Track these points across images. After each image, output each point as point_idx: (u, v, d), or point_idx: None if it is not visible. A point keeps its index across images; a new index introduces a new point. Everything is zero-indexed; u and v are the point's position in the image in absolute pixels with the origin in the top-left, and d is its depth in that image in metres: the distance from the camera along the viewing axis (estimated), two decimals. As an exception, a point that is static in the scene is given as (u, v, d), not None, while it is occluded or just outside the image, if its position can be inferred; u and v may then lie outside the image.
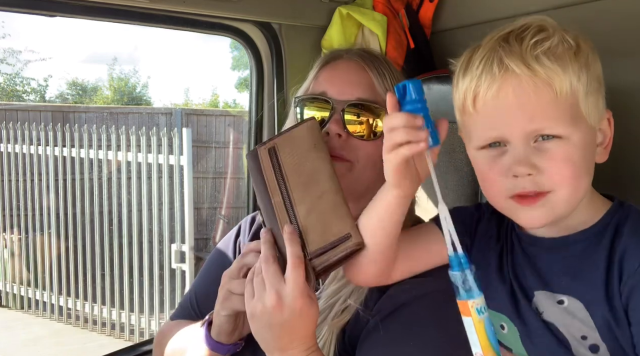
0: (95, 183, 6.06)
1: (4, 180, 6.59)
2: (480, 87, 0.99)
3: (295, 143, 1.11)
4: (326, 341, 1.14)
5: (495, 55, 0.98)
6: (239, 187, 7.03)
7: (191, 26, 1.85)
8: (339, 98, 1.23)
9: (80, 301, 6.07)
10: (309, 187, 1.08)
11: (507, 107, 0.96)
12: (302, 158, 1.10)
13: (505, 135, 0.97)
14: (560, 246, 1.03)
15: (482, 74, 0.99)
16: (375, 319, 1.13)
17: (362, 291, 1.17)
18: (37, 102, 14.85)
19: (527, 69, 0.94)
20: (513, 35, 0.99)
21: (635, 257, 0.93)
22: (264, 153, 1.11)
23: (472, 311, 0.90)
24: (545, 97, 0.94)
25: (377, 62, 1.27)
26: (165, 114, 8.35)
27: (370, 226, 1.06)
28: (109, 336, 5.94)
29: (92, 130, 5.96)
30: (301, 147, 1.10)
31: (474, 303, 0.90)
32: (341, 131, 1.21)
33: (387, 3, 2.00)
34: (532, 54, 0.95)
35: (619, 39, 1.57)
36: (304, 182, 1.08)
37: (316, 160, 1.09)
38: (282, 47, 1.99)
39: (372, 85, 1.24)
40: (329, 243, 1.04)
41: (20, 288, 6.41)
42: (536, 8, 1.73)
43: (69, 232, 6.18)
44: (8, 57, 14.28)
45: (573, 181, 0.96)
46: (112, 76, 16.47)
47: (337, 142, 1.22)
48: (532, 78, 0.94)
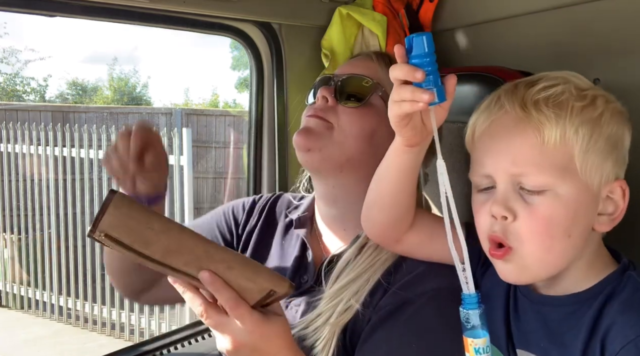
0: (95, 183, 6.06)
1: (4, 180, 6.59)
2: (477, 122, 1.02)
3: (124, 227, 0.95)
4: (327, 341, 1.14)
5: (498, 94, 1.01)
6: (239, 187, 7.03)
7: (191, 26, 1.85)
8: (339, 74, 1.31)
9: (80, 301, 6.07)
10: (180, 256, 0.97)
11: (494, 144, 0.97)
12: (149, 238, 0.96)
13: (490, 172, 0.97)
14: (546, 305, 1.00)
15: (484, 111, 1.02)
16: (378, 316, 1.13)
17: (365, 289, 1.17)
18: (37, 102, 14.85)
19: (521, 110, 0.94)
20: (525, 82, 0.99)
21: (619, 339, 0.87)
22: (104, 239, 0.96)
23: (470, 349, 0.91)
24: (530, 142, 0.93)
25: (387, 58, 1.32)
26: (165, 114, 8.35)
27: (379, 171, 1.09)
28: (109, 336, 5.93)
29: (92, 130, 5.96)
30: (136, 229, 0.95)
31: (473, 342, 0.90)
32: (328, 96, 1.27)
33: (387, 3, 2.00)
34: (533, 98, 0.94)
35: (619, 39, 1.58)
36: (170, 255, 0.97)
37: (168, 240, 0.96)
38: (282, 47, 1.99)
39: (375, 69, 1.29)
40: (260, 299, 0.99)
41: (20, 288, 6.41)
42: (536, 8, 1.73)
43: (69, 232, 6.17)
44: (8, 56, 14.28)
45: (545, 239, 0.93)
46: (112, 76, 16.48)
47: (322, 104, 1.28)
48: (522, 120, 0.94)
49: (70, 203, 6.17)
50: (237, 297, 0.98)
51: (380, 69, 1.30)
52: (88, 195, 6.10)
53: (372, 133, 1.25)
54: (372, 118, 1.26)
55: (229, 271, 0.98)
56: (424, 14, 1.99)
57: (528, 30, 1.79)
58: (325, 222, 1.36)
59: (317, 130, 1.26)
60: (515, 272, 0.97)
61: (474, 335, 0.90)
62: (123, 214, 0.96)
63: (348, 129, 1.25)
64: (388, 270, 1.18)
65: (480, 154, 1.01)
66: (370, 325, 1.13)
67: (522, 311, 1.04)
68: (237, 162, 7.32)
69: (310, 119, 1.28)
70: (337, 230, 1.33)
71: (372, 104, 1.27)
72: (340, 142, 1.24)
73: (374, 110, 1.26)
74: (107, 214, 0.94)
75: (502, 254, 0.96)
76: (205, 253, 0.98)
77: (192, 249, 0.97)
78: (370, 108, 1.26)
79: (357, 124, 1.25)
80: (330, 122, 1.26)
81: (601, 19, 1.61)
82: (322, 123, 1.26)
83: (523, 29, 1.80)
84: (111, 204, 0.94)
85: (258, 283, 0.98)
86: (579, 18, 1.67)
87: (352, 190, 1.27)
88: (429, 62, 0.89)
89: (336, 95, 1.28)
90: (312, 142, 1.25)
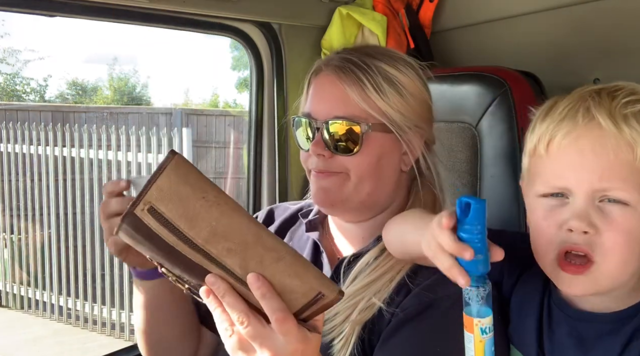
0: (95, 183, 6.05)
1: (4, 180, 6.59)
2: (558, 131, 0.96)
3: (176, 195, 0.88)
4: (347, 338, 1.14)
5: (583, 104, 0.95)
6: (239, 187, 7.02)
7: (191, 26, 1.85)
8: (319, 118, 1.24)
9: (80, 301, 6.06)
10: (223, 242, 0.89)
11: (580, 158, 0.93)
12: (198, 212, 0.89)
13: (570, 186, 0.94)
14: (583, 320, 0.99)
15: (565, 120, 0.96)
16: (402, 316, 1.12)
17: (387, 289, 1.17)
18: (37, 102, 14.84)
19: (613, 125, 0.91)
20: (605, 91, 0.97)
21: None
22: (144, 216, 0.89)
23: (475, 329, 0.88)
24: (623, 158, 0.91)
25: (354, 68, 1.23)
26: (165, 114, 8.33)
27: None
28: (109, 336, 5.93)
29: (92, 130, 5.95)
30: (188, 198, 0.88)
31: (479, 322, 0.88)
32: (323, 151, 1.23)
33: (387, 3, 2.00)
34: (622, 112, 0.92)
35: (619, 39, 1.58)
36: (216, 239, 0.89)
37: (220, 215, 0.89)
38: (282, 47, 1.99)
39: (345, 98, 1.22)
40: (304, 305, 0.91)
41: (20, 288, 6.40)
42: (536, 8, 1.74)
43: (69, 232, 6.17)
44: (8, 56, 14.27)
45: (625, 251, 0.92)
46: (112, 76, 16.45)
47: (323, 161, 1.24)
48: (615, 135, 0.91)
49: (70, 203, 6.16)
50: (287, 309, 0.90)
51: (350, 89, 1.21)
52: (88, 195, 6.09)
53: (379, 162, 1.24)
54: (375, 152, 1.23)
55: (276, 264, 0.89)
56: (424, 14, 1.99)
57: (528, 30, 1.79)
58: (340, 227, 1.36)
59: (333, 187, 1.24)
60: (587, 286, 0.95)
61: (480, 314, 0.87)
62: (180, 177, 0.88)
63: (359, 172, 1.23)
64: (413, 270, 1.18)
65: (559, 165, 0.96)
66: (393, 325, 1.13)
67: (557, 324, 1.02)
68: (237, 162, 7.32)
69: (319, 178, 1.26)
70: (352, 234, 1.33)
71: (369, 141, 1.22)
72: (356, 184, 1.24)
73: (374, 143, 1.22)
74: (164, 175, 0.86)
75: (582, 269, 0.93)
76: (255, 238, 0.89)
77: (242, 232, 0.88)
78: (369, 145, 1.22)
79: (365, 163, 1.23)
80: (340, 171, 1.24)
81: (601, 19, 1.61)
82: (333, 178, 1.24)
83: (523, 29, 1.80)
84: (170, 164, 0.87)
85: (306, 282, 0.89)
86: (579, 18, 1.67)
87: (377, 207, 1.29)
88: (478, 232, 0.87)
89: (329, 147, 1.23)
90: (333, 198, 1.25)
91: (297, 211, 1.49)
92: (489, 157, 1.50)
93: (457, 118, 1.59)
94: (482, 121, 1.51)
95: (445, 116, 1.60)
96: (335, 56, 1.28)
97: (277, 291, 0.89)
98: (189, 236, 0.89)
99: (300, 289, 0.89)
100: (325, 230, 1.40)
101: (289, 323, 0.89)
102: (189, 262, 0.92)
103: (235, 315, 0.91)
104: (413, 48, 1.98)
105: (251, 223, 0.90)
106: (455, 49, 2.01)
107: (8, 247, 6.43)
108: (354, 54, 1.26)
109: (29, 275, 6.39)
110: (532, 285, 1.07)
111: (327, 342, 1.15)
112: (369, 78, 1.21)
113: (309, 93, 1.29)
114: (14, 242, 6.47)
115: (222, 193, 0.91)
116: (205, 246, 0.89)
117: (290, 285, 0.89)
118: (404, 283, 1.16)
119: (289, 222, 1.48)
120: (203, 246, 0.89)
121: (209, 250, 0.89)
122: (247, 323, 0.90)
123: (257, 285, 0.89)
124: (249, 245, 0.89)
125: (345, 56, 1.26)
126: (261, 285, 0.89)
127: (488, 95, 1.51)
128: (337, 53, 1.30)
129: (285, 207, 1.54)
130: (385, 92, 1.21)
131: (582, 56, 1.67)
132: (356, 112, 1.21)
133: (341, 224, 1.35)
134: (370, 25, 1.95)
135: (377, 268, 1.20)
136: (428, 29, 2.00)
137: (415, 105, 1.24)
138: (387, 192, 1.27)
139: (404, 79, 1.23)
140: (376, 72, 1.22)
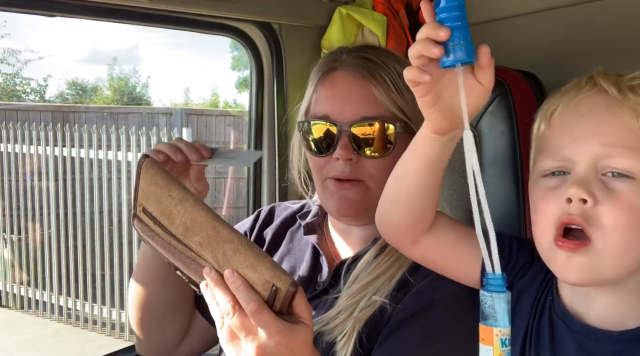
0: (95, 183, 6.05)
1: (4, 180, 6.59)
2: (560, 101, 0.92)
3: (152, 195, 1.00)
4: (350, 336, 1.13)
5: (588, 78, 0.92)
6: (239, 187, 7.03)
7: (191, 26, 1.85)
8: (343, 121, 1.19)
9: (80, 301, 6.06)
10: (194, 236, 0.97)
11: (583, 125, 0.88)
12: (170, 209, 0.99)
13: (571, 155, 0.88)
14: (591, 338, 0.89)
15: (569, 90, 0.92)
16: (400, 316, 1.12)
17: (388, 286, 1.16)
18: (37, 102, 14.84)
19: (618, 92, 0.87)
20: (613, 72, 0.92)
21: None
22: (143, 216, 1.03)
23: (495, 340, 0.79)
24: (627, 125, 0.85)
25: (375, 67, 1.20)
26: (165, 114, 8.34)
27: (401, 163, 0.98)
28: (109, 336, 5.93)
29: (92, 130, 5.95)
30: (160, 197, 0.99)
31: (500, 332, 0.79)
32: (351, 155, 1.19)
33: (387, 3, 2.00)
34: (628, 84, 0.88)
35: (619, 39, 1.58)
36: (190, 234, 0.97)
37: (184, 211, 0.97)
38: (282, 47, 1.99)
39: (373, 98, 1.19)
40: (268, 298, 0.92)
41: (20, 288, 6.41)
42: (536, 8, 1.74)
43: (69, 232, 6.17)
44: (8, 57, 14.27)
45: (628, 231, 0.83)
46: (112, 76, 16.47)
47: (349, 165, 1.19)
48: (618, 101, 0.86)
49: (70, 203, 6.16)
50: (261, 300, 0.91)
51: (377, 90, 1.18)
52: (88, 195, 6.09)
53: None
54: (399, 153, 1.16)
55: (235, 256, 0.92)
56: (424, 14, 1.99)
57: (528, 30, 1.79)
58: (341, 230, 1.35)
59: (357, 198, 1.20)
60: (585, 270, 0.85)
61: (500, 324, 0.79)
62: (151, 177, 0.98)
63: (380, 179, 1.15)
64: (413, 267, 1.17)
65: (560, 134, 0.90)
66: (391, 324, 1.13)
67: (561, 340, 0.92)
68: (237, 162, 7.32)
69: (341, 188, 1.20)
70: (354, 236, 1.32)
71: (400, 140, 1.17)
72: (376, 192, 1.15)
73: (403, 143, 1.12)
74: (140, 178, 0.98)
75: (576, 246, 0.85)
76: (214, 231, 0.94)
77: (204, 225, 0.94)
78: (400, 144, 1.16)
79: (390, 169, 1.14)
80: (362, 180, 1.20)
81: (601, 18, 1.61)
82: (356, 188, 1.20)
83: (523, 28, 1.80)
84: (142, 168, 0.99)
85: (260, 274, 0.91)
86: (579, 18, 1.67)
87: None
88: (457, 16, 0.78)
89: (357, 151, 1.18)
90: (357, 208, 1.21)
91: (296, 212, 1.48)
92: (489, 156, 1.50)
93: (457, 118, 1.59)
94: (482, 121, 1.51)
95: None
96: (347, 55, 1.24)
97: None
98: (172, 232, 0.97)
99: (258, 281, 0.92)
100: (324, 232, 1.39)
101: (264, 314, 0.91)
102: (185, 258, 0.97)
103: (223, 306, 0.94)
104: (413, 48, 1.98)
105: (209, 217, 0.95)
106: (455, 49, 2.01)
107: (8, 247, 6.44)
108: (369, 53, 1.23)
109: (29, 275, 6.39)
110: (528, 293, 1.00)
111: (330, 340, 1.15)
112: (390, 77, 1.19)
113: (321, 94, 1.24)
114: (14, 242, 6.47)
115: (185, 190, 0.99)
116: (184, 240, 0.96)
117: (250, 277, 0.93)
118: (405, 279, 1.16)
119: (289, 222, 1.47)
120: (184, 241, 0.96)
121: (189, 245, 0.96)
122: (233, 314, 0.92)
123: (232, 279, 0.92)
124: (212, 238, 0.95)
125: (361, 55, 1.22)
126: (236, 279, 0.92)
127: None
128: (348, 52, 1.25)
129: (286, 205, 1.53)
130: (404, 92, 1.18)
131: (582, 56, 1.67)
132: (384, 112, 1.18)
133: (344, 227, 1.34)
134: (370, 25, 1.95)
135: (377, 266, 1.19)
136: (428, 29, 2.00)
137: None
138: None
139: None
140: (394, 71, 1.20)
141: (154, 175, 0.99)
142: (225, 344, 0.96)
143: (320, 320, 1.19)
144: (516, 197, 1.45)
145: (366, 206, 1.20)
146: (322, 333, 1.16)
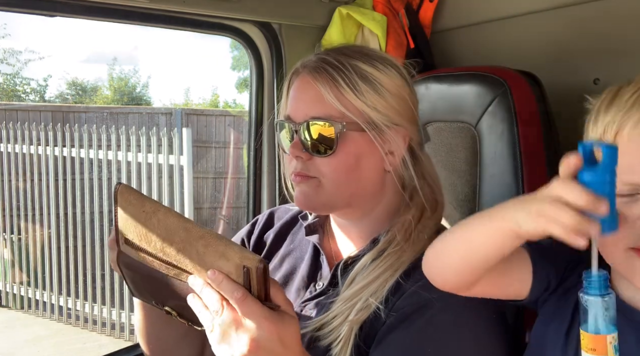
0: (95, 183, 6.06)
1: (4, 180, 6.59)
2: (628, 120, 0.85)
3: (130, 217, 1.05)
4: (347, 339, 1.14)
5: None
6: (239, 187, 7.03)
7: (191, 26, 1.85)
8: (297, 121, 1.24)
9: (80, 301, 6.07)
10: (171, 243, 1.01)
11: None
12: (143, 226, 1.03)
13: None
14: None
15: (634, 107, 0.86)
16: (395, 317, 1.12)
17: (382, 290, 1.17)
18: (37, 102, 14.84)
19: None
20: None
21: None
22: (126, 248, 1.07)
23: (609, 348, 0.71)
24: None
25: (327, 67, 1.21)
26: (165, 114, 8.33)
27: (467, 238, 0.91)
28: (109, 336, 5.93)
29: (92, 130, 5.96)
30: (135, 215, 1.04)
31: (613, 339, 0.72)
32: (301, 153, 1.22)
33: (387, 3, 2.00)
34: None
35: (619, 39, 1.58)
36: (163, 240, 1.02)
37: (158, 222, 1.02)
38: (282, 47, 1.99)
39: (320, 98, 1.20)
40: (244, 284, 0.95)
41: (20, 288, 6.41)
42: (536, 8, 1.74)
43: (69, 232, 6.17)
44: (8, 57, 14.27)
45: None
46: (112, 76, 16.45)
47: (300, 163, 1.23)
48: None
49: (70, 203, 6.17)
50: (243, 288, 0.93)
51: (325, 89, 1.19)
52: (88, 195, 6.10)
53: (357, 162, 1.22)
54: (352, 152, 1.21)
55: (207, 250, 0.96)
56: (424, 14, 1.99)
57: (528, 30, 1.79)
58: (341, 228, 1.36)
59: (310, 192, 1.24)
60: None
61: (611, 329, 0.72)
62: (126, 200, 1.03)
63: (335, 177, 1.22)
64: (407, 270, 1.18)
65: (630, 159, 0.84)
66: (387, 326, 1.13)
67: (620, 333, 0.87)
68: (237, 162, 7.32)
69: (297, 182, 1.26)
70: (352, 233, 1.33)
71: (345, 141, 1.20)
72: (333, 189, 1.23)
73: (350, 143, 1.20)
74: (118, 205, 1.03)
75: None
76: (186, 232, 0.98)
77: (177, 230, 0.98)
78: (345, 145, 1.20)
79: (341, 168, 1.21)
80: (316, 177, 1.23)
81: (601, 19, 1.61)
82: (309, 183, 1.23)
83: (523, 29, 1.80)
84: (118, 194, 1.04)
85: (231, 259, 0.94)
86: (579, 18, 1.67)
87: (365, 206, 1.28)
88: (609, 182, 0.71)
89: (307, 149, 1.22)
90: (312, 202, 1.25)
91: (297, 213, 1.48)
92: (489, 156, 1.50)
93: (457, 118, 1.59)
94: (482, 121, 1.51)
95: (444, 116, 1.61)
96: (312, 57, 1.27)
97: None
98: (151, 252, 1.01)
99: (232, 269, 0.95)
100: (327, 232, 1.39)
101: (249, 301, 0.93)
102: (169, 280, 1.01)
103: (212, 305, 0.96)
104: (413, 48, 1.98)
105: (180, 220, 1.00)
106: (455, 49, 2.01)
107: (8, 247, 6.44)
108: (330, 54, 1.24)
109: (29, 275, 6.39)
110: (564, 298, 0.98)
111: (326, 345, 1.15)
112: (344, 77, 1.20)
113: (289, 95, 1.28)
114: (14, 242, 6.47)
115: (156, 202, 1.05)
116: (163, 257, 1.00)
117: (225, 269, 0.96)
118: (399, 283, 1.16)
119: (290, 225, 1.48)
120: (164, 258, 1.00)
121: (169, 260, 1.00)
122: (222, 311, 0.94)
123: (213, 277, 0.94)
124: (185, 240, 0.99)
125: (321, 56, 1.25)
126: (217, 275, 0.94)
127: (488, 95, 1.51)
128: (316, 54, 1.28)
129: (287, 208, 1.54)
130: (361, 90, 1.19)
131: (582, 56, 1.67)
132: (332, 112, 1.20)
133: (341, 222, 1.35)
134: (370, 25, 1.96)
135: (373, 270, 1.20)
136: (428, 29, 2.00)
137: (393, 103, 1.21)
138: (371, 192, 1.26)
139: (381, 76, 1.21)
140: (351, 70, 1.20)
141: (128, 197, 1.04)
142: (217, 345, 0.97)
143: (315, 322, 1.19)
144: (516, 196, 1.45)
145: (322, 200, 1.24)
146: (318, 337, 1.17)
